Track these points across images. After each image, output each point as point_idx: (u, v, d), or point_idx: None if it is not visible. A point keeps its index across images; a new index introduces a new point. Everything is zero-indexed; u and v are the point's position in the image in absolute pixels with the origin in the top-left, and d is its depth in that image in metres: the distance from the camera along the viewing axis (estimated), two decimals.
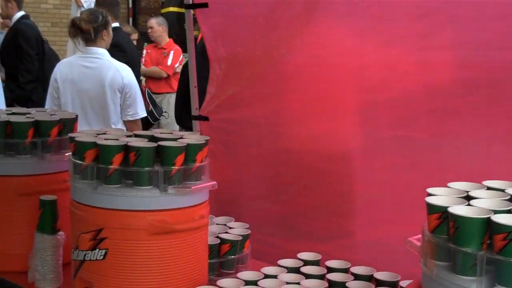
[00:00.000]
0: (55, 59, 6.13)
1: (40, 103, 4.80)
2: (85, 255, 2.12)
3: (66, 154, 2.50)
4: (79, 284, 2.18)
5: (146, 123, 5.21)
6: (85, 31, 4.05)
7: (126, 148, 2.06)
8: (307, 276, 2.23)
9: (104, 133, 2.27)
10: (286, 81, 3.11)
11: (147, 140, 2.17)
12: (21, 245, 2.47)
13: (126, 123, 4.27)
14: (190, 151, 2.13)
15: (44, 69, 5.87)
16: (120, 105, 4.22)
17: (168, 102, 7.50)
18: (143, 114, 4.38)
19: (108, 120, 4.18)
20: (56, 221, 2.39)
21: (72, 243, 2.22)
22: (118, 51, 4.95)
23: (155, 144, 2.08)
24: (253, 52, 3.15)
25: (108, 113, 4.17)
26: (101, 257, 2.09)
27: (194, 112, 3.44)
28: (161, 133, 2.29)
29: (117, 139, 2.13)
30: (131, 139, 2.16)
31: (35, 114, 2.60)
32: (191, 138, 2.23)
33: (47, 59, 5.92)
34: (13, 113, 2.62)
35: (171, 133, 2.30)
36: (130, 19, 12.90)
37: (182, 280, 2.15)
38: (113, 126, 4.17)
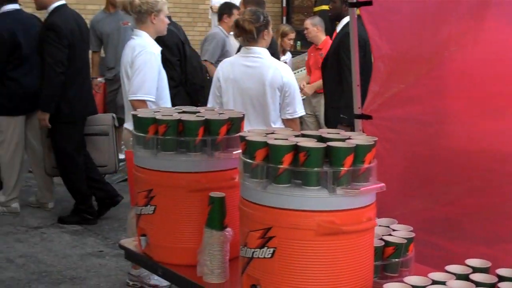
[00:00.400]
0: (196, 60, 6.24)
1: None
2: (253, 252, 2.15)
3: (234, 152, 2.56)
4: (246, 281, 2.22)
5: None
6: (248, 31, 4.13)
7: (296, 148, 2.07)
8: (478, 284, 2.14)
9: (273, 133, 2.29)
10: (455, 78, 3.01)
11: (315, 140, 2.16)
12: (191, 240, 2.55)
13: (284, 121, 4.31)
14: (359, 152, 2.10)
15: (187, 73, 6.00)
16: (279, 103, 4.25)
17: (320, 103, 7.47)
18: (302, 112, 4.39)
19: (267, 119, 4.23)
20: (224, 218, 2.45)
21: (240, 240, 2.26)
22: None
23: (324, 145, 2.07)
24: (420, 49, 3.07)
25: (268, 112, 4.22)
26: (269, 256, 2.11)
27: (357, 110, 3.41)
28: (328, 133, 2.28)
29: (286, 139, 2.14)
30: (300, 139, 2.16)
31: (205, 112, 2.67)
32: (359, 138, 2.20)
33: (188, 62, 6.05)
34: (184, 112, 2.70)
35: (338, 133, 2.29)
36: (284, 18, 13.02)
37: (348, 282, 2.13)
38: (272, 125, 4.21)
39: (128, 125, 4.57)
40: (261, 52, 4.25)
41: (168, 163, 2.55)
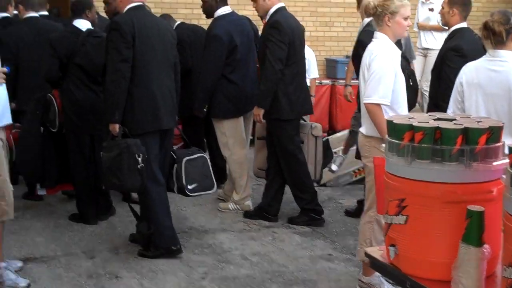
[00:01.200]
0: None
1: None
2: None
3: (494, 164, 2.40)
4: None
5: None
6: (497, 33, 3.90)
7: None
8: None
9: None
10: None
11: None
12: (445, 254, 2.44)
13: None
14: None
15: None
16: None
17: None
18: None
19: None
20: (483, 233, 2.31)
21: (503, 259, 2.12)
22: None
23: None
24: None
25: None
26: None
27: None
28: None
29: None
30: None
31: (462, 120, 2.53)
32: None
33: None
34: (439, 119, 2.59)
35: None
36: None
37: None
38: None
39: (363, 129, 4.52)
40: (507, 56, 4.00)
41: (423, 172, 2.46)
